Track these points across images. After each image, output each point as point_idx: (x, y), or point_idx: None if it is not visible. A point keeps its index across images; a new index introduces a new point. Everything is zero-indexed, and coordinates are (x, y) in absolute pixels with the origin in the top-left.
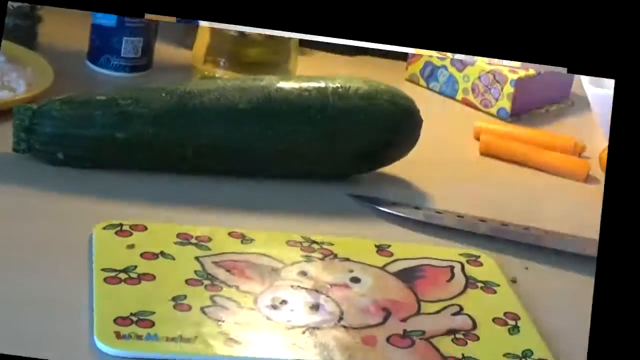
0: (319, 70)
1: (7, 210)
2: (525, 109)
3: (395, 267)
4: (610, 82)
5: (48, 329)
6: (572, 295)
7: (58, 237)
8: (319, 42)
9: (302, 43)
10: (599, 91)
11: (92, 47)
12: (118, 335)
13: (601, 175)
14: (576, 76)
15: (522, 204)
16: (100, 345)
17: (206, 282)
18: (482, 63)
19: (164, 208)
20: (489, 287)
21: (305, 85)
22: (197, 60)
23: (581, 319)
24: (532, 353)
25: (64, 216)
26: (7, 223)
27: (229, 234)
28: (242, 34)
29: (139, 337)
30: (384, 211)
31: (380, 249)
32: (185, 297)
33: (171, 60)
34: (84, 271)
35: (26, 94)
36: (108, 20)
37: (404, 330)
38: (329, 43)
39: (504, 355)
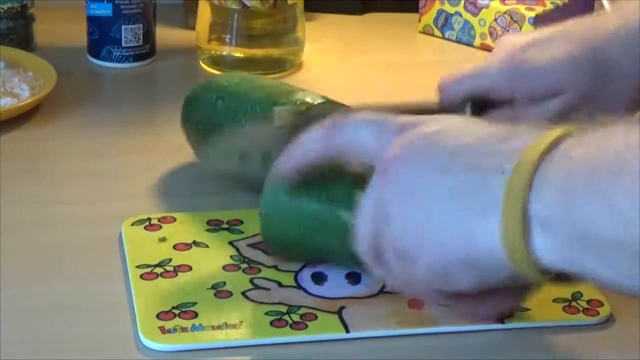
0: (330, 33)
1: (31, 218)
2: None
3: None
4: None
5: (93, 332)
6: None
7: (87, 239)
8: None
9: (308, 7)
10: None
11: (91, 41)
12: (163, 330)
13: None
14: (597, 1)
15: None
16: (147, 342)
17: (244, 265)
18: (496, 3)
19: (189, 197)
20: None
21: None
22: (202, 40)
23: None
24: (582, 295)
25: (90, 217)
26: (31, 230)
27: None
28: (244, 5)
29: (184, 330)
30: None
31: None
32: (224, 283)
33: (175, 43)
34: (118, 270)
35: (31, 98)
36: (103, 9)
37: None
38: (335, 5)
39: (554, 300)
